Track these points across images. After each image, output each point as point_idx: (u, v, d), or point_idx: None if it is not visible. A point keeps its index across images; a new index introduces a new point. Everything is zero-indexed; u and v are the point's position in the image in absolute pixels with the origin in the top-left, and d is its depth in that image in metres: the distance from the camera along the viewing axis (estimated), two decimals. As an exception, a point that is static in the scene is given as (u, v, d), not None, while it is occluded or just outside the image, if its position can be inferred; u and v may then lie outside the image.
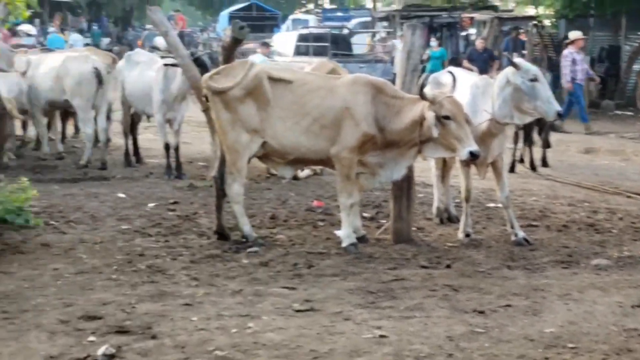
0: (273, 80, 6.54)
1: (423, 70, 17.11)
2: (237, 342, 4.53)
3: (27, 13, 6.90)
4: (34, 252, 6.31)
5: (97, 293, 5.37)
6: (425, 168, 8.47)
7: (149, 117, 10.70)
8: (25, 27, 17.30)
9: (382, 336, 4.67)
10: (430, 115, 6.21)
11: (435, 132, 6.20)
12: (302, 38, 21.26)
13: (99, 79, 10.23)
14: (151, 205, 8.21)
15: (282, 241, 6.94)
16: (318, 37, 21.32)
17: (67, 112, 11.62)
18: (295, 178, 9.40)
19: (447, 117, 6.23)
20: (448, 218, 7.77)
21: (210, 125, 7.75)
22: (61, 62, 10.41)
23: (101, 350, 4.32)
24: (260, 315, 4.99)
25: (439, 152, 6.60)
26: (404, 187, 6.88)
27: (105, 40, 32.24)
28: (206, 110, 7.17)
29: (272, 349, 4.46)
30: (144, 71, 10.05)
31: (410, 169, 6.83)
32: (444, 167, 7.66)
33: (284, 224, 7.61)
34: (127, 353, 4.37)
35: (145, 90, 9.93)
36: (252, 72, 6.51)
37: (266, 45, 16.47)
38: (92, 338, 4.56)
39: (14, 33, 17.22)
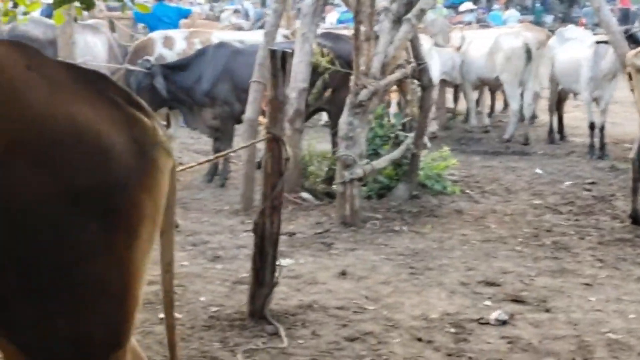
0: None
1: None
2: (633, 327, 4.35)
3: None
4: (446, 217, 6.70)
5: (498, 262, 5.55)
6: None
7: (575, 94, 10.51)
8: (467, 5, 18.00)
9: None
10: None
11: None
12: None
13: (528, 55, 10.33)
14: (567, 183, 8.12)
15: None
16: None
17: (496, 87, 11.95)
18: None
19: None
20: None
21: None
22: (494, 39, 10.72)
23: (495, 315, 4.47)
24: (666, 304, 4.69)
25: None
26: None
27: (549, 18, 32.02)
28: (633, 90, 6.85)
29: (673, 340, 4.18)
30: (574, 48, 9.88)
31: None
32: None
33: None
34: (519, 322, 4.45)
35: (573, 67, 9.76)
36: (684, 49, 6.05)
37: None
38: (487, 302, 4.74)
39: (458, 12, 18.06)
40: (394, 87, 7.57)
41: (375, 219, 6.48)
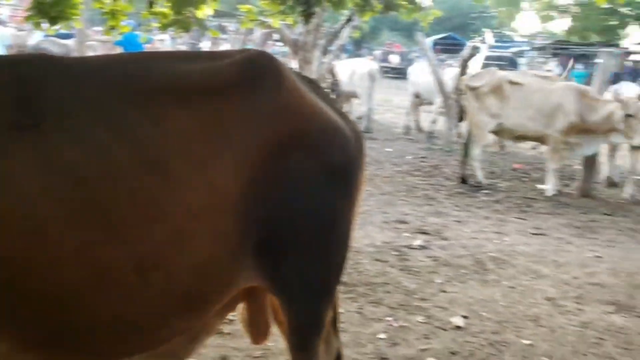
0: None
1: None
2: (500, 248, 6.24)
3: None
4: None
5: (399, 207, 7.71)
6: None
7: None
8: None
9: (597, 256, 6.26)
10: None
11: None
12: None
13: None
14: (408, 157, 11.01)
15: (503, 188, 9.25)
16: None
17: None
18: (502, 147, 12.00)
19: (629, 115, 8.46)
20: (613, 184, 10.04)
21: None
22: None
23: (417, 242, 6.28)
24: (509, 233, 6.80)
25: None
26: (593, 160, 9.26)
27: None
28: None
29: (526, 255, 6.13)
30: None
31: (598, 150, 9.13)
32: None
33: (500, 176, 10.05)
34: (432, 245, 6.27)
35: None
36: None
37: None
38: (406, 234, 6.58)
39: None
40: None
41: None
